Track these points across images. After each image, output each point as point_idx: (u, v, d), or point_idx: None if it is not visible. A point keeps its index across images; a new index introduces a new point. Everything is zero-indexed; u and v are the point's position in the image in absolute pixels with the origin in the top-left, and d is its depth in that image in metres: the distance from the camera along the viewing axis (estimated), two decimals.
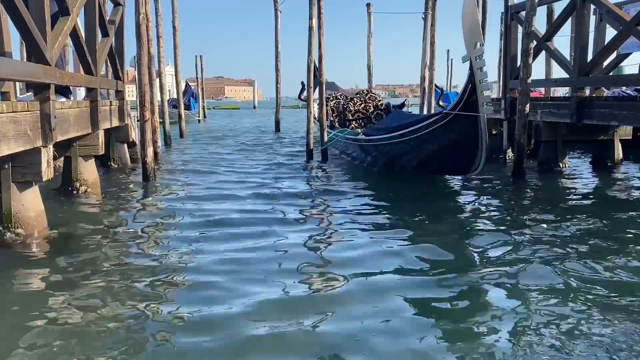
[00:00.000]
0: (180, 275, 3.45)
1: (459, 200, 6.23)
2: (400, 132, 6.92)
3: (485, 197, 6.19)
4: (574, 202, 5.81)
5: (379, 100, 11.64)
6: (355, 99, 11.61)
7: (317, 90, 9.69)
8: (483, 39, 5.91)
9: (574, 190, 6.52)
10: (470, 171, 6.18)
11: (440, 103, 11.95)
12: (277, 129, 18.15)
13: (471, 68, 5.55)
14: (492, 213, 5.34)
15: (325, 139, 9.51)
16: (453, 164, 6.43)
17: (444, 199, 6.28)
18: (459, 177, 7.22)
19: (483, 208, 5.61)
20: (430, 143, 6.47)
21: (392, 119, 8.78)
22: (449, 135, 6.12)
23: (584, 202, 5.84)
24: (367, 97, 11.61)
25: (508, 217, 5.09)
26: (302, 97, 11.08)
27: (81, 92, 7.00)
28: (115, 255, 3.86)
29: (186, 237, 4.35)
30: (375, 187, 6.87)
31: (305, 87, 9.90)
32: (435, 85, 12.61)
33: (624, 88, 8.04)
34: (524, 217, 5.00)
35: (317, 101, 9.77)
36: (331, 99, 11.77)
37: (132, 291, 3.16)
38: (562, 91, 14.48)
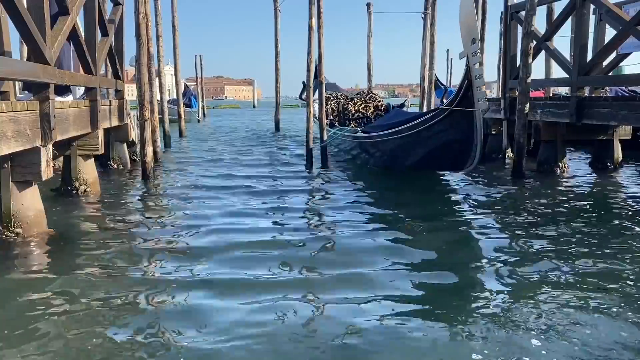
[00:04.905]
0: (179, 275, 3.45)
1: (459, 200, 6.22)
2: (399, 128, 6.99)
3: (485, 197, 6.19)
4: (573, 201, 5.81)
5: (379, 101, 11.65)
6: (355, 99, 11.63)
7: (317, 90, 9.70)
8: (479, 35, 5.98)
9: (573, 190, 6.52)
10: (465, 167, 6.26)
11: (444, 100, 11.96)
12: (277, 129, 18.16)
13: (467, 64, 5.63)
14: (492, 212, 5.34)
15: (325, 137, 9.50)
16: (449, 159, 6.51)
17: (443, 199, 6.27)
18: (459, 178, 7.22)
19: (483, 207, 5.60)
20: (427, 138, 6.56)
21: (391, 117, 8.84)
22: (446, 130, 6.23)
23: (583, 201, 5.84)
24: (367, 98, 11.64)
25: (507, 217, 5.09)
26: (303, 97, 11.14)
27: (80, 90, 7.00)
28: (114, 255, 3.86)
29: (186, 237, 4.35)
30: (375, 188, 6.87)
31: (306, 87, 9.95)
32: (440, 82, 12.57)
33: (623, 87, 8.05)
34: (523, 216, 5.01)
35: (317, 101, 9.77)
36: (332, 98, 11.78)
37: (131, 289, 3.16)
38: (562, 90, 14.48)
